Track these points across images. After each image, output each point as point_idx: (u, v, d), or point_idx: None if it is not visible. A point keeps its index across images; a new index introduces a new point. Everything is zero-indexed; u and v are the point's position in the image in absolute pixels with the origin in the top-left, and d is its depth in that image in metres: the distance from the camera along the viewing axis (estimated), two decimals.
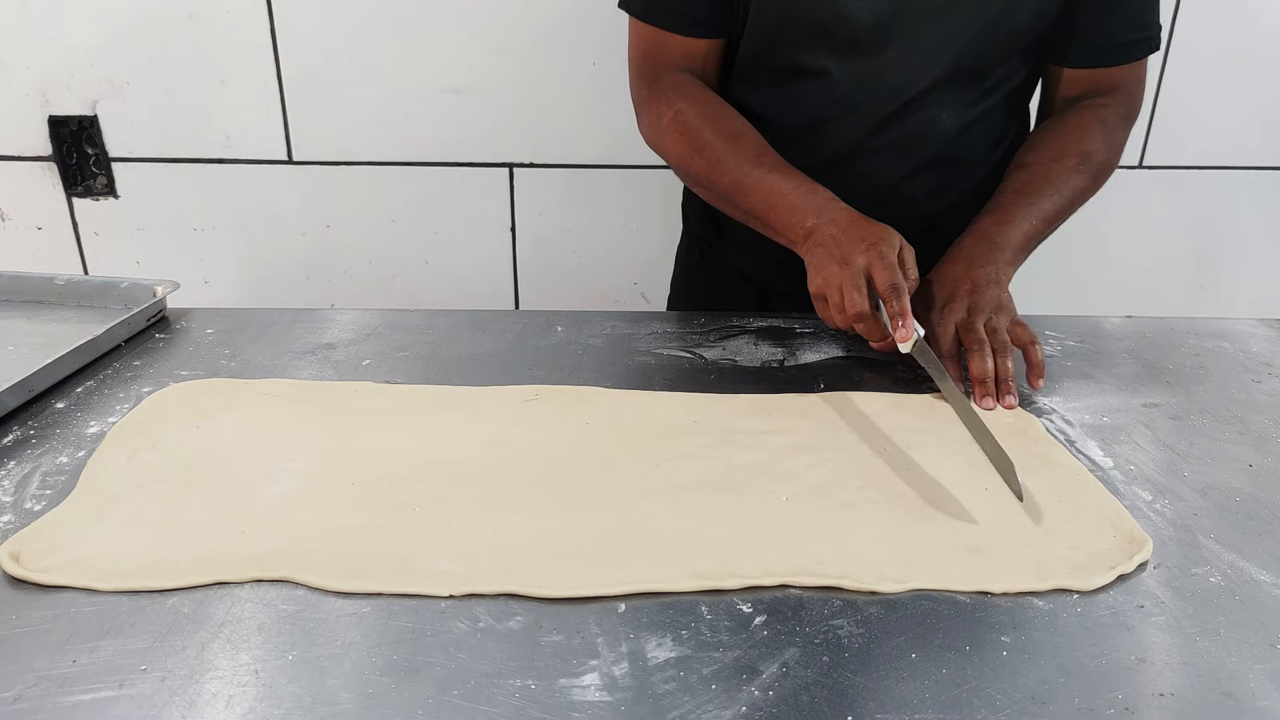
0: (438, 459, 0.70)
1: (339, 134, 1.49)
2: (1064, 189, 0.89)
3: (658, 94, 0.97)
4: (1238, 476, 0.70)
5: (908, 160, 0.97)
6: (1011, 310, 0.82)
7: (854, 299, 0.78)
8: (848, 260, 0.79)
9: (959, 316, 0.81)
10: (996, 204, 0.89)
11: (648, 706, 0.48)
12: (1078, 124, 0.95)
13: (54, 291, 0.97)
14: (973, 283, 0.82)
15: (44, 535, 0.60)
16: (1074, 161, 0.91)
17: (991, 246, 0.85)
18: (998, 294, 0.82)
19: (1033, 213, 0.87)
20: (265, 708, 0.48)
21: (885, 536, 0.62)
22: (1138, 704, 0.49)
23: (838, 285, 0.79)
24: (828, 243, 0.81)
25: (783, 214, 0.86)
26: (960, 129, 0.96)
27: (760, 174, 0.88)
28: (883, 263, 0.77)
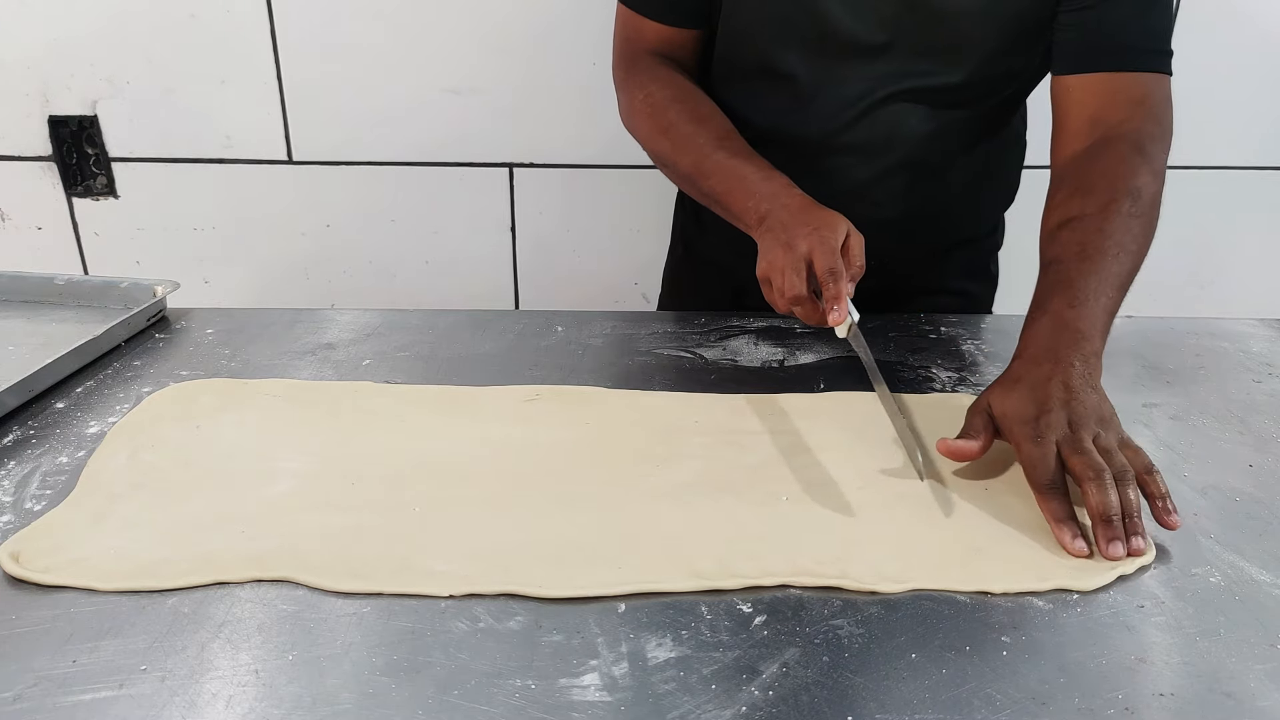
0: (438, 459, 0.70)
1: (339, 134, 1.49)
2: (1128, 243, 0.78)
3: (632, 76, 0.98)
4: (1238, 476, 0.70)
5: (875, 162, 0.96)
6: (1117, 424, 0.69)
7: (792, 282, 0.76)
8: (791, 245, 0.78)
9: (1059, 433, 0.66)
10: (1061, 277, 0.76)
11: (648, 706, 0.48)
12: (1115, 157, 0.83)
13: (54, 291, 0.97)
14: (1066, 388, 0.69)
15: (44, 535, 0.60)
16: (1127, 205, 0.79)
17: (1075, 336, 0.72)
18: (1097, 402, 0.69)
19: (1105, 284, 0.75)
20: (265, 708, 0.48)
21: (885, 536, 0.62)
22: (1138, 704, 0.49)
23: (780, 269, 0.78)
24: (776, 228, 0.80)
25: (739, 198, 0.85)
26: (930, 134, 0.95)
27: (721, 157, 0.88)
28: (823, 247, 0.76)
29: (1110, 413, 0.69)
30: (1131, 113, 0.86)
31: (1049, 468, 0.64)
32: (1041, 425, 0.67)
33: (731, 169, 0.87)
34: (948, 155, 0.98)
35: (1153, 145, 0.85)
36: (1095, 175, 0.83)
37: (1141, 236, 0.80)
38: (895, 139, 0.95)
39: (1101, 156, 0.84)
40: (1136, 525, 0.61)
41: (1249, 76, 1.53)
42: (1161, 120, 0.87)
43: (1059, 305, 0.74)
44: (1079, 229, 0.79)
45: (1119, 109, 0.86)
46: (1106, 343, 0.74)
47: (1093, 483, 0.62)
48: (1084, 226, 0.79)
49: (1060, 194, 0.84)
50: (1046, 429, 0.66)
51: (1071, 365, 0.70)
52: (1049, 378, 0.69)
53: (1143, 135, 0.85)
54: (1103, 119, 0.86)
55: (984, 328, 0.97)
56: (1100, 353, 0.73)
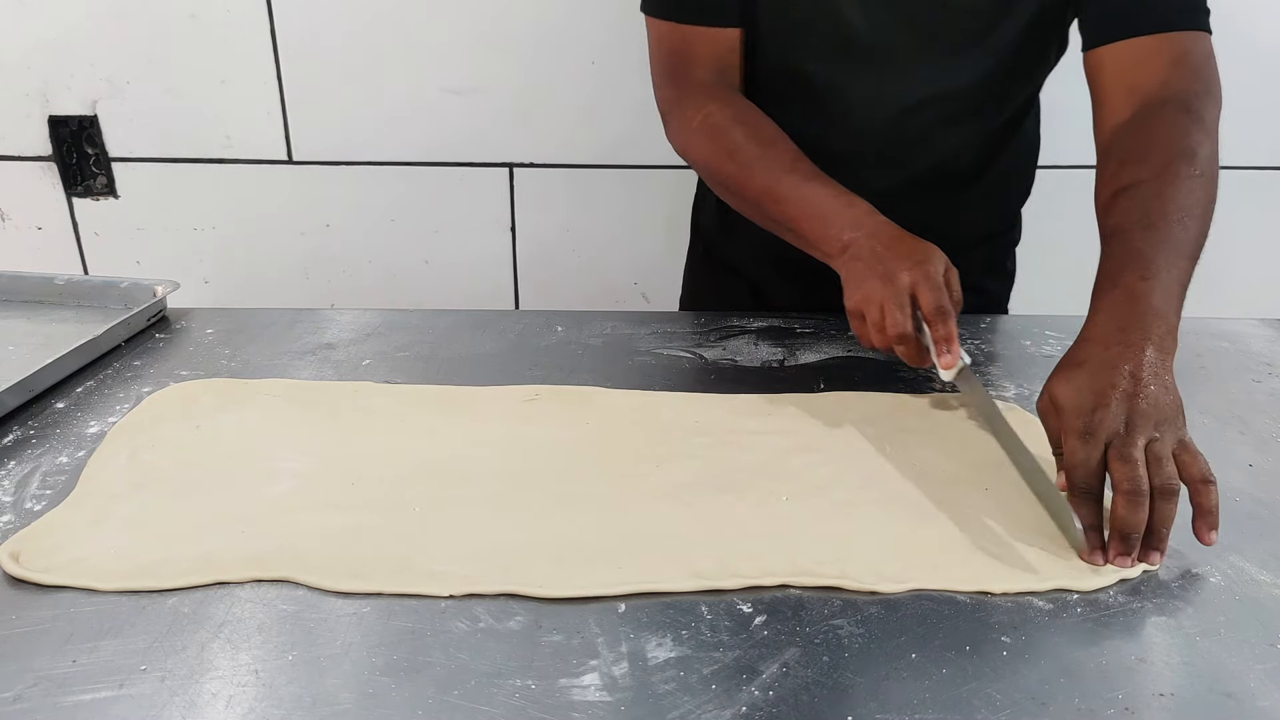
0: (438, 459, 0.70)
1: (339, 134, 1.49)
2: (1192, 208, 0.72)
3: (686, 96, 0.93)
4: (1238, 476, 0.70)
5: (899, 170, 0.96)
6: (1179, 423, 0.64)
7: (896, 318, 0.73)
8: (891, 277, 0.74)
9: (1112, 431, 0.62)
10: (1129, 247, 0.71)
11: (648, 706, 0.48)
12: (1162, 121, 0.78)
13: (54, 291, 0.97)
14: (1133, 379, 0.63)
15: (44, 535, 0.60)
16: (1185, 168, 0.74)
17: (1150, 312, 0.67)
18: (1163, 396, 0.64)
19: (1174, 252, 0.70)
20: (265, 708, 0.48)
21: (885, 536, 0.62)
22: (1138, 704, 0.49)
23: (879, 303, 0.74)
24: (868, 257, 0.76)
25: (817, 225, 0.81)
26: (953, 139, 0.95)
27: (794, 181, 0.84)
28: (929, 283, 0.73)
29: (1174, 411, 0.64)
30: (1171, 73, 0.80)
31: (1090, 470, 0.61)
32: (1095, 421, 0.62)
33: (807, 194, 0.83)
34: (971, 160, 0.98)
35: (1199, 102, 0.79)
36: (1145, 141, 0.78)
37: (1205, 200, 0.75)
38: (920, 147, 0.94)
39: (1148, 122, 0.79)
40: (1161, 540, 0.59)
41: (1249, 76, 1.53)
42: (1204, 76, 0.81)
43: (1131, 278, 0.69)
44: (1138, 195, 0.74)
45: (1157, 72, 0.81)
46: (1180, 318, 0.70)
47: (1126, 497, 0.59)
48: (1143, 192, 0.74)
49: (1111, 165, 0.79)
50: (1099, 426, 0.62)
51: (1143, 350, 0.65)
52: (1115, 364, 0.64)
53: (1188, 94, 0.79)
54: (1141, 85, 0.81)
55: (984, 327, 0.97)
56: (1175, 330, 0.68)
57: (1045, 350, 0.91)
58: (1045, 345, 0.92)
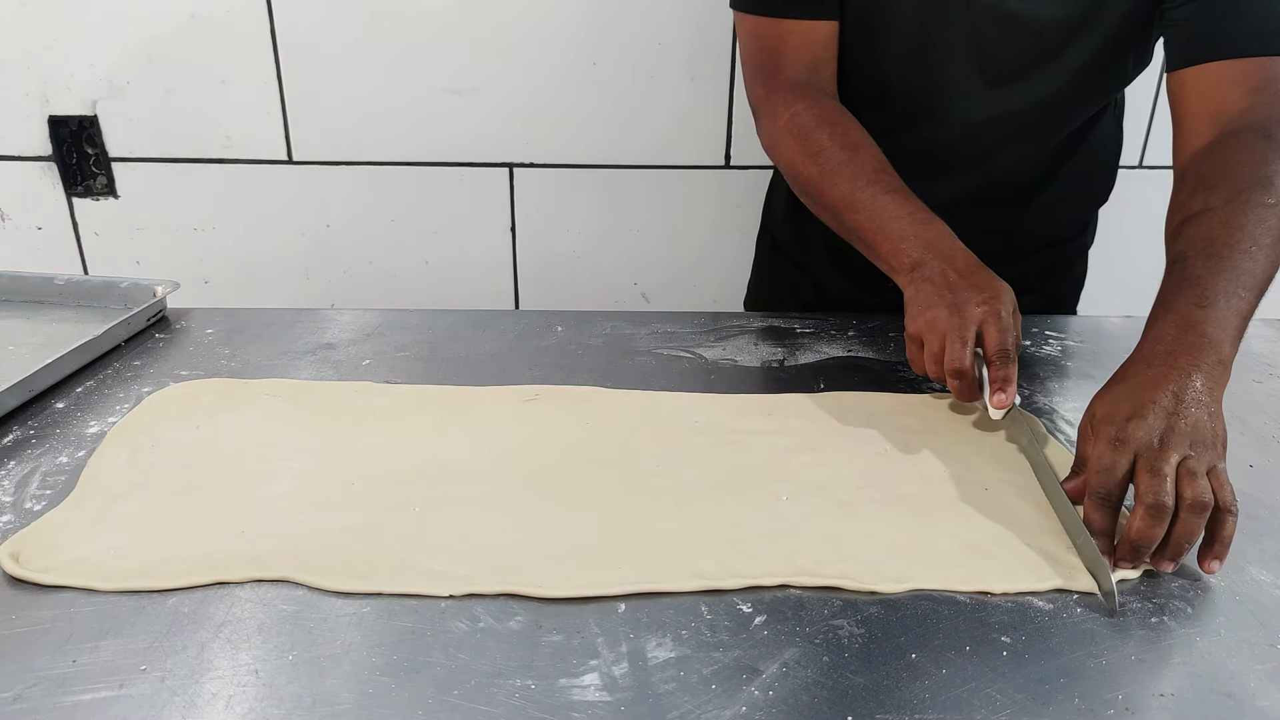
0: (438, 459, 0.70)
1: (339, 134, 1.49)
2: (1261, 237, 0.70)
3: (775, 94, 0.92)
4: (1238, 476, 0.70)
5: (965, 178, 0.96)
6: (1219, 451, 0.61)
7: (959, 353, 0.71)
8: (960, 309, 0.73)
9: (1143, 443, 0.60)
10: (1187, 274, 0.69)
11: (648, 706, 0.48)
12: (1239, 147, 0.76)
13: (54, 291, 0.97)
14: (1176, 398, 0.62)
15: (44, 535, 0.60)
16: (1258, 196, 0.72)
17: (1201, 340, 0.64)
18: (1205, 422, 0.61)
19: (1236, 283, 0.68)
20: (265, 708, 0.48)
21: (885, 536, 0.62)
22: (1138, 704, 0.49)
23: (942, 333, 0.73)
24: (937, 282, 0.75)
25: (891, 239, 0.80)
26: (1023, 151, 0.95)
27: (874, 192, 0.82)
28: (998, 323, 0.71)
29: (1214, 438, 0.61)
30: (1254, 100, 0.79)
31: (1112, 478, 0.60)
32: (1128, 430, 0.60)
33: (885, 207, 0.81)
34: (1036, 172, 0.98)
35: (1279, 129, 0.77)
36: (1219, 168, 0.76)
37: (1277, 228, 0.72)
38: (984, 159, 0.95)
39: (1225, 148, 0.78)
40: (1180, 554, 0.58)
41: None
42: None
43: (1185, 305, 0.67)
44: (1205, 223, 0.72)
45: (1240, 99, 0.79)
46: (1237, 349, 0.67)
47: (1149, 510, 0.57)
48: (1210, 220, 0.72)
49: (1183, 193, 0.77)
50: (1131, 435, 0.60)
51: (1189, 375, 0.63)
52: (1158, 383, 0.63)
53: (1269, 122, 0.78)
54: (1224, 111, 0.80)
55: None
56: (1229, 362, 0.65)
57: (1045, 350, 0.91)
58: (1045, 345, 0.92)
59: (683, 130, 1.45)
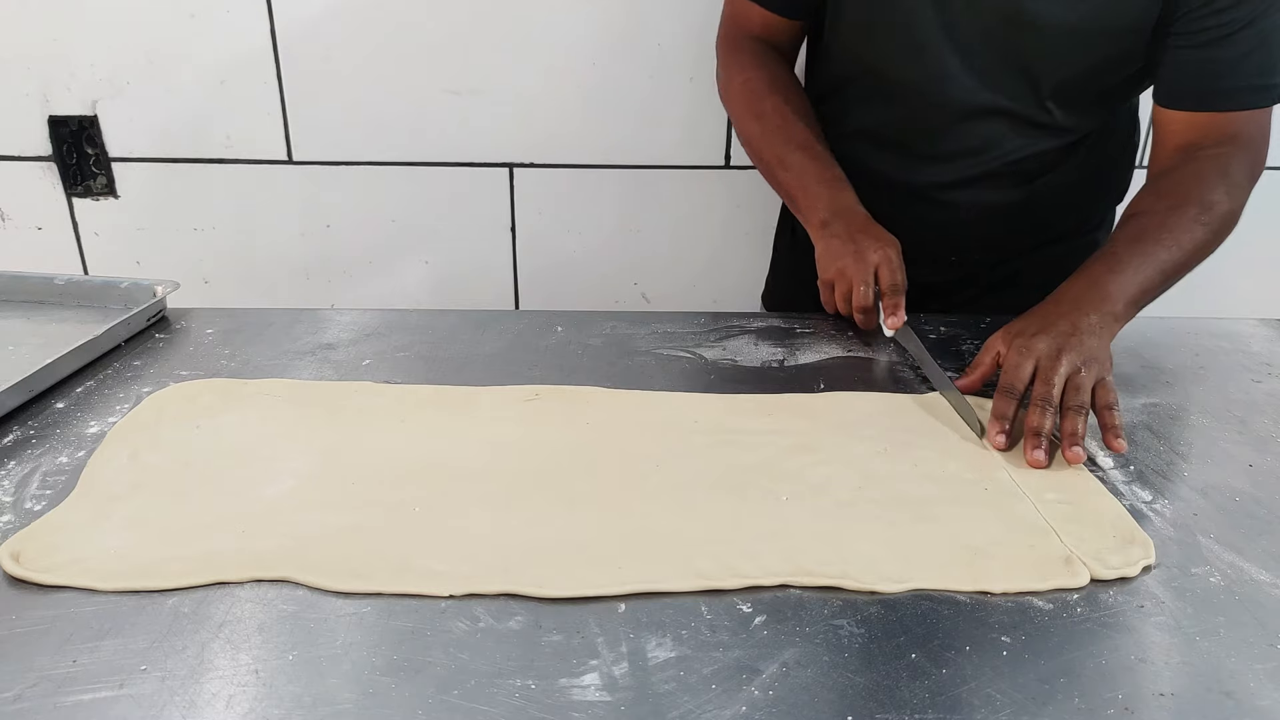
0: (438, 459, 0.70)
1: (339, 134, 1.49)
2: (1184, 240, 0.82)
3: (734, 57, 1.04)
4: (1238, 476, 0.70)
5: (964, 169, 0.98)
6: (1104, 368, 0.75)
7: (865, 294, 0.87)
8: (861, 257, 0.88)
9: (1042, 354, 0.74)
10: (1110, 250, 0.82)
11: (648, 706, 0.48)
12: (1197, 173, 0.88)
13: (54, 291, 0.97)
14: (1073, 325, 0.75)
15: (44, 535, 0.60)
16: (1194, 211, 0.84)
17: (1102, 295, 0.78)
18: (1096, 346, 0.75)
19: (1149, 264, 0.80)
20: (265, 708, 0.48)
21: (885, 536, 0.62)
22: (1138, 704, 0.49)
23: (849, 279, 0.88)
24: (843, 237, 0.90)
25: (809, 198, 0.94)
26: (1023, 146, 0.96)
27: (802, 156, 0.96)
28: (889, 265, 0.87)
29: (1104, 358, 0.74)
30: (1225, 148, 0.89)
31: (1018, 376, 0.73)
32: (1033, 341, 0.74)
33: (807, 170, 0.96)
34: (1042, 165, 0.99)
35: (1235, 169, 0.88)
36: (1173, 184, 0.88)
37: (1201, 241, 0.84)
38: (987, 149, 0.97)
39: (1184, 170, 0.89)
40: (1076, 442, 0.69)
41: None
42: (1255, 150, 0.90)
43: (1098, 268, 0.81)
44: (1141, 220, 0.85)
45: (1212, 143, 0.89)
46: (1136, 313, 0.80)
47: (1036, 408, 0.71)
48: (1147, 219, 0.85)
49: (1136, 198, 0.90)
50: (1034, 344, 0.74)
51: (1088, 314, 0.76)
52: (1062, 315, 0.76)
53: (1230, 160, 0.88)
54: (1196, 147, 0.90)
55: (984, 328, 0.97)
56: (1121, 319, 0.78)
57: None
58: None
59: (683, 131, 1.45)
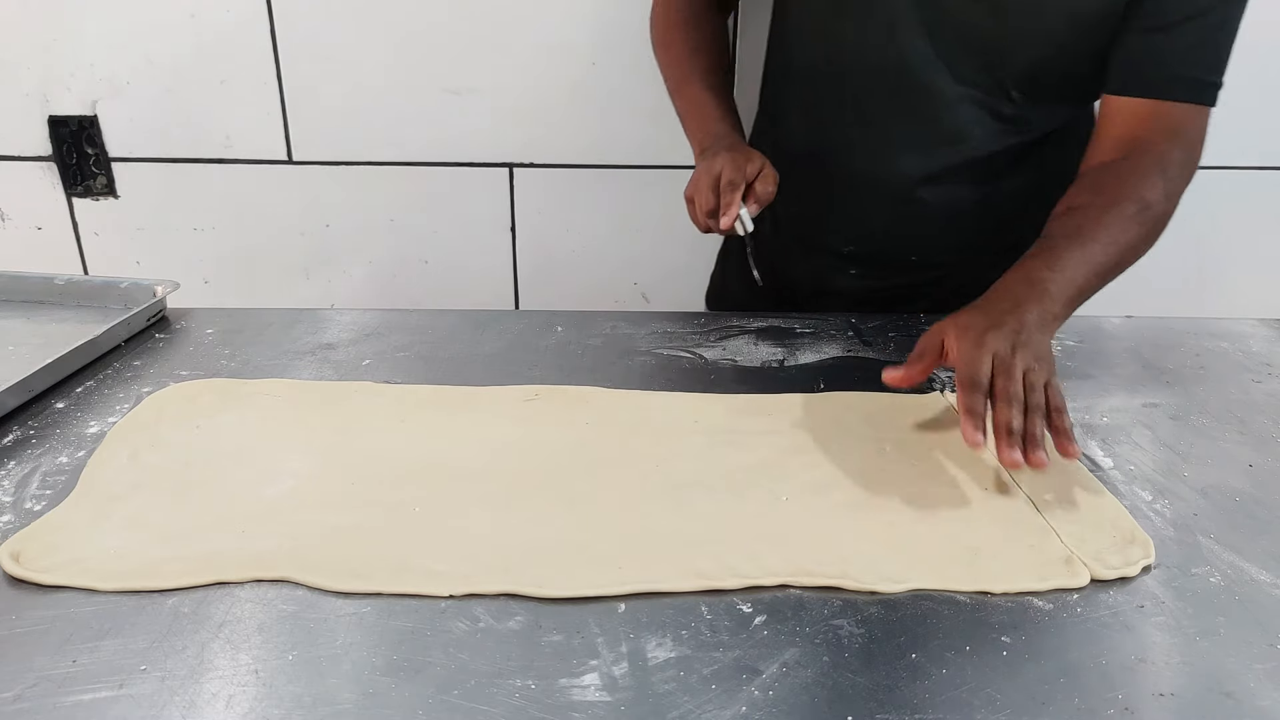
0: (438, 459, 0.70)
1: (339, 134, 1.49)
2: (1120, 239, 0.81)
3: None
4: (1238, 476, 0.70)
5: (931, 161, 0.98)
6: (1051, 366, 0.73)
7: (705, 196, 0.89)
8: (710, 169, 0.90)
9: (998, 349, 0.71)
10: (1045, 246, 0.80)
11: (648, 706, 0.48)
12: (1136, 169, 0.85)
13: (54, 291, 0.97)
14: (1020, 322, 0.73)
15: (44, 535, 0.60)
16: (1132, 209, 0.82)
17: (1042, 293, 0.76)
18: (1041, 343, 0.73)
19: (1085, 263, 0.78)
20: (265, 708, 0.48)
21: (885, 536, 0.62)
22: (1138, 704, 0.49)
23: (698, 187, 0.90)
24: (709, 159, 0.92)
25: (695, 126, 1.01)
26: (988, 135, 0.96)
27: (696, 90, 1.03)
28: (732, 166, 0.88)
29: (1048, 355, 0.73)
30: (1163, 142, 0.87)
31: (978, 369, 0.70)
32: (985, 335, 0.72)
33: (699, 100, 1.02)
34: (1006, 163, 0.99)
35: (1173, 169, 0.86)
36: (1110, 177, 0.86)
37: (1137, 240, 0.83)
38: (951, 141, 0.96)
39: (1122, 164, 0.87)
40: (1038, 444, 0.67)
41: (1249, 76, 1.53)
42: (1191, 150, 0.88)
43: (1036, 265, 0.78)
44: (1079, 215, 0.83)
45: (1154, 137, 0.87)
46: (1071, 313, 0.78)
47: (1004, 404, 0.69)
48: (1084, 214, 0.83)
49: (1074, 189, 0.87)
50: (989, 339, 0.71)
51: (1030, 311, 0.74)
52: (1007, 311, 0.74)
53: (1168, 159, 0.87)
54: (1136, 140, 0.88)
55: None
56: (1060, 319, 0.76)
57: None
58: None
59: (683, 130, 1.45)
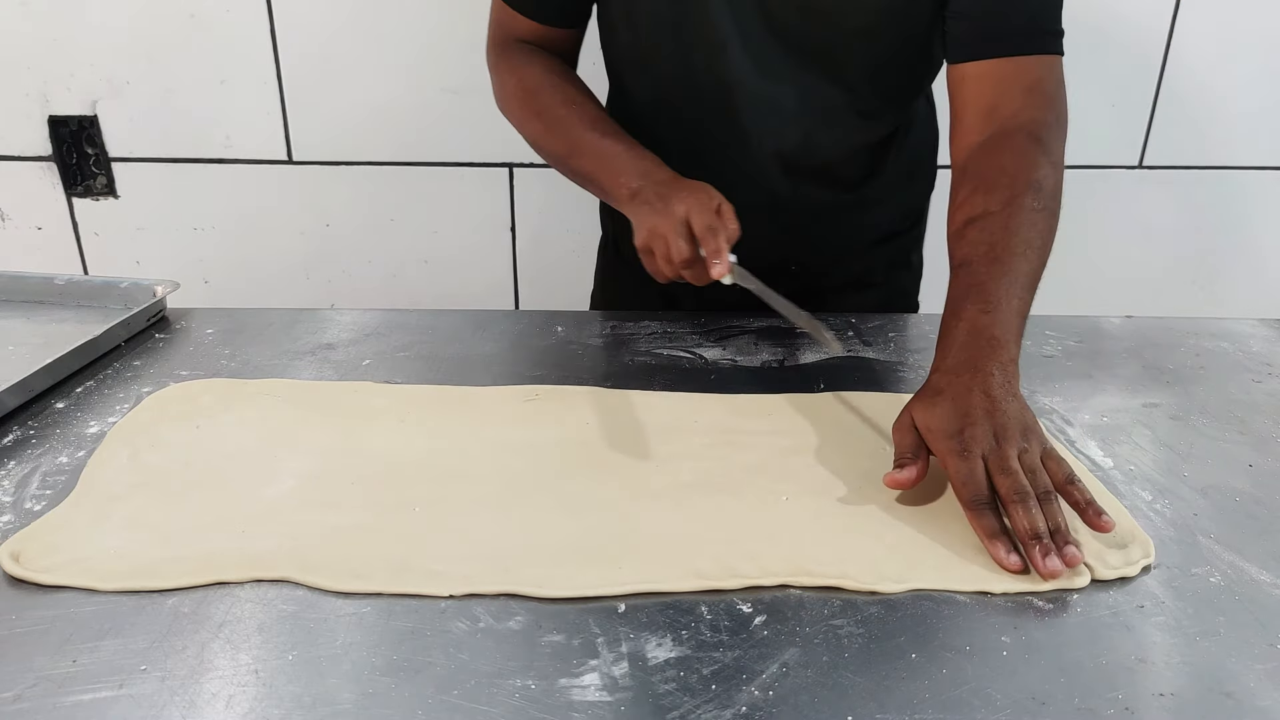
0: (437, 459, 0.70)
1: (339, 134, 1.49)
2: (1034, 240, 0.77)
3: (504, 60, 1.00)
4: (1238, 476, 0.70)
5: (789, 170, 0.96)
6: (1040, 433, 0.68)
7: (680, 246, 0.79)
8: (669, 211, 0.80)
9: (985, 446, 0.65)
10: (973, 281, 0.76)
11: (648, 706, 0.48)
12: (1014, 150, 0.82)
13: (54, 291, 0.97)
14: (989, 398, 0.68)
15: (44, 535, 0.60)
16: (1030, 200, 0.79)
17: (991, 344, 0.71)
18: (1020, 411, 0.68)
19: (1015, 285, 0.75)
20: (265, 708, 0.48)
21: (885, 536, 0.62)
22: (1138, 704, 0.49)
23: (662, 235, 0.80)
24: (651, 199, 0.83)
25: (611, 174, 0.88)
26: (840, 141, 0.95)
27: (594, 137, 0.91)
28: (700, 209, 0.79)
29: (1032, 421, 0.68)
30: (1025, 101, 0.84)
31: (978, 483, 0.64)
32: (967, 439, 0.65)
33: (603, 148, 0.90)
34: (860, 162, 0.98)
35: (1049, 134, 0.83)
36: (995, 170, 0.82)
37: (1046, 231, 0.80)
38: (805, 151, 0.95)
39: (1000, 150, 0.83)
40: (1065, 537, 0.60)
41: (1249, 76, 1.54)
42: (1055, 106, 0.86)
43: (973, 312, 0.73)
44: (985, 227, 0.78)
45: (1013, 98, 0.85)
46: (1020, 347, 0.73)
47: (1018, 505, 0.61)
48: (990, 225, 0.78)
49: (963, 191, 0.83)
50: (973, 442, 0.65)
51: (991, 374, 0.69)
52: (969, 388, 0.68)
53: (1038, 125, 0.83)
54: (998, 109, 0.85)
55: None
56: (1017, 359, 0.72)
57: (1045, 351, 0.91)
58: (1045, 346, 0.92)
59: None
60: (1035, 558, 0.59)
